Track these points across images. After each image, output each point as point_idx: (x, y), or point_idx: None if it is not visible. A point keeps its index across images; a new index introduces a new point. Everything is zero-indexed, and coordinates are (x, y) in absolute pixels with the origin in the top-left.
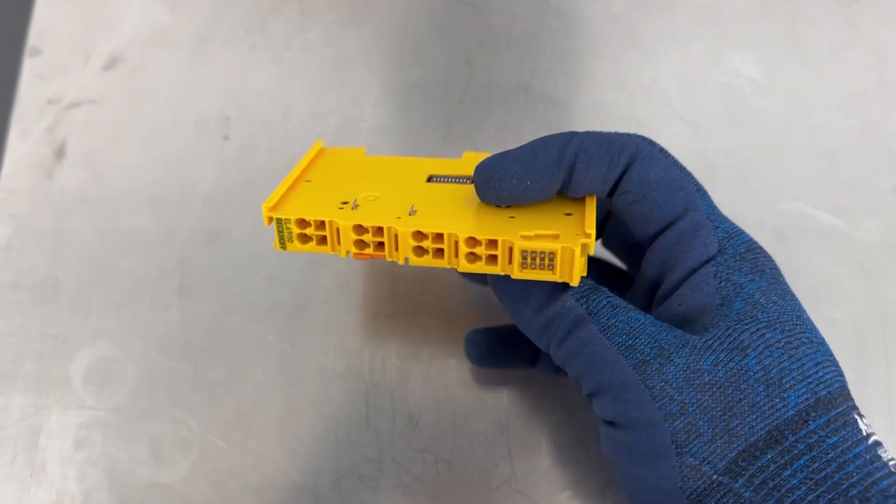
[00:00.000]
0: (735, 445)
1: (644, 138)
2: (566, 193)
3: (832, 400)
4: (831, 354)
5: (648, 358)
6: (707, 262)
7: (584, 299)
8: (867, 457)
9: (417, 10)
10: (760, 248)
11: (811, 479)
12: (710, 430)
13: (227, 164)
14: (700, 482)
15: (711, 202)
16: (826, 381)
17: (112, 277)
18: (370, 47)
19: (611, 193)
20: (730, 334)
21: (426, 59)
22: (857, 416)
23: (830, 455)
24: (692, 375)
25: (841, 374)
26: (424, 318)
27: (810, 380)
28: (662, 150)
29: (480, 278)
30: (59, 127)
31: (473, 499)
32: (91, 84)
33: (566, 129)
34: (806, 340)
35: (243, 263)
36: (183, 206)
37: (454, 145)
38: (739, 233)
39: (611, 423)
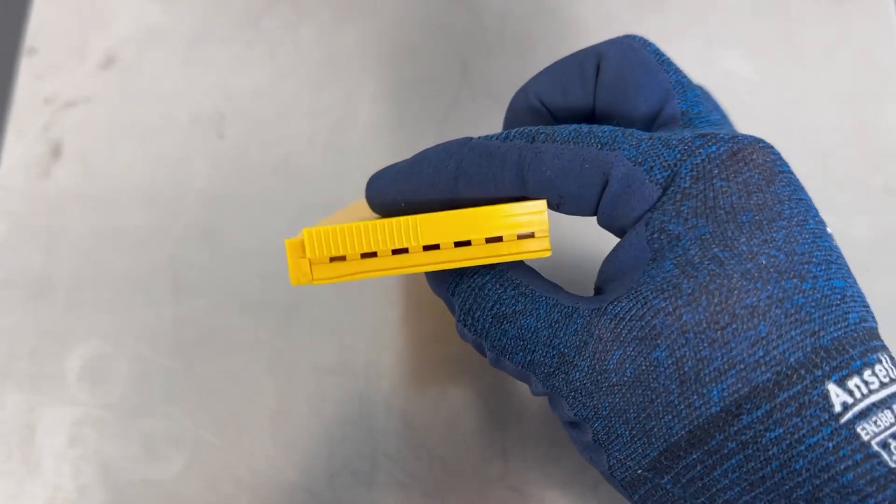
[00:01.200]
0: (655, 446)
1: (529, 131)
2: None
3: (782, 380)
4: (801, 310)
5: (552, 369)
6: (641, 217)
7: (469, 319)
8: (829, 444)
9: (412, 9)
10: (725, 162)
11: (745, 480)
12: (627, 433)
13: (222, 162)
14: (627, 474)
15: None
16: (770, 359)
17: (106, 275)
18: (365, 45)
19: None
20: (643, 316)
21: (421, 57)
22: (830, 388)
23: (771, 452)
24: (599, 378)
25: (816, 333)
26: (419, 316)
27: (742, 366)
28: (559, 130)
29: None
30: (54, 126)
31: (467, 494)
32: (87, 83)
33: None
34: (745, 309)
35: (237, 260)
36: (177, 203)
37: None
38: (692, 152)
39: None
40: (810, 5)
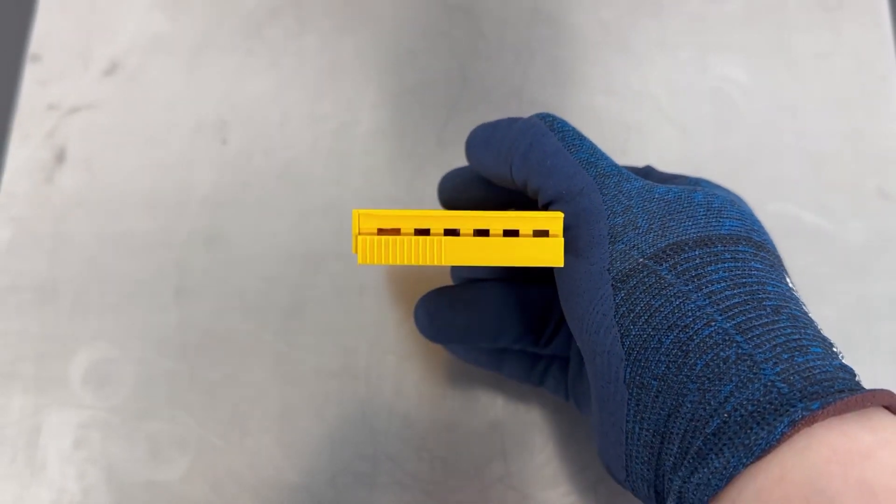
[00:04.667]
0: (666, 238)
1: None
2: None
3: (764, 246)
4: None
5: (609, 173)
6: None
7: (550, 119)
8: (786, 289)
9: (412, 17)
10: None
11: (732, 280)
12: (646, 225)
13: (225, 168)
14: (626, 264)
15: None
16: (760, 231)
17: (110, 279)
18: (365, 53)
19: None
20: (684, 186)
21: (420, 64)
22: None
23: (753, 273)
24: (646, 193)
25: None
26: None
27: (746, 221)
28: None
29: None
30: (59, 132)
31: (468, 495)
32: (91, 90)
33: None
34: (749, 211)
35: (240, 265)
36: (181, 208)
37: (448, 149)
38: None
39: None
40: (804, 12)
